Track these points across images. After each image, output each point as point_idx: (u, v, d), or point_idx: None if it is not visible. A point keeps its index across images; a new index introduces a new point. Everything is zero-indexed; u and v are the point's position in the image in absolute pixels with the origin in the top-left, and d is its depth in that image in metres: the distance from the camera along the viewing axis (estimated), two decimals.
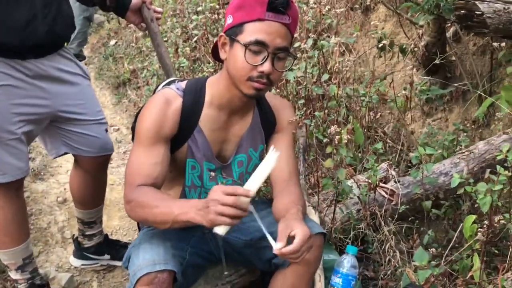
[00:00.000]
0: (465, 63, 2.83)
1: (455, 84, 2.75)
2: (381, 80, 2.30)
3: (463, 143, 2.34)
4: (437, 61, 2.55)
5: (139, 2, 2.05)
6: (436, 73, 2.88)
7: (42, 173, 2.97)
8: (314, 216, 1.89)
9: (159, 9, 2.14)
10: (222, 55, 1.50)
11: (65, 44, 1.83)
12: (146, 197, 1.41)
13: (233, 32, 1.43)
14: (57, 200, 2.74)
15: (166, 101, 1.51)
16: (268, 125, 1.66)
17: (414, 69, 2.92)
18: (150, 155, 1.47)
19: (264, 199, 1.98)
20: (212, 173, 1.58)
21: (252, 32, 1.39)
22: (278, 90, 2.57)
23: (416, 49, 2.76)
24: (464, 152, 2.29)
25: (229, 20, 1.46)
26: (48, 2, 1.65)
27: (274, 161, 1.31)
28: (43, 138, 1.93)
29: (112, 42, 5.30)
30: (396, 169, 2.28)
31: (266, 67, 1.39)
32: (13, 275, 1.86)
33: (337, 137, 1.56)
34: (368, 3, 3.09)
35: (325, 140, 1.58)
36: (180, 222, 1.34)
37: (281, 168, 1.63)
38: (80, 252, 2.22)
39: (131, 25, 5.16)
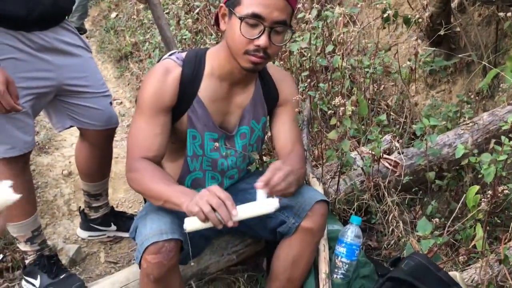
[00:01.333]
0: (470, 34, 2.80)
1: (459, 55, 2.73)
2: (386, 51, 2.28)
3: (466, 114, 2.34)
4: (441, 32, 2.52)
5: None
6: (440, 45, 2.85)
7: (46, 147, 2.98)
8: (318, 187, 1.90)
9: None
10: (222, 26, 1.49)
11: (66, 17, 1.81)
12: (144, 175, 1.44)
13: (231, 3, 1.42)
14: (62, 173, 2.76)
15: (165, 70, 1.51)
16: (270, 98, 1.66)
17: (418, 40, 2.90)
18: (151, 125, 1.48)
19: None
20: (216, 144, 1.59)
21: (249, 4, 1.38)
22: (281, 62, 2.55)
23: (420, 20, 2.72)
24: (468, 124, 2.29)
25: None
26: None
27: (272, 209, 1.34)
28: (48, 112, 1.93)
29: (113, 14, 5.25)
30: (400, 141, 2.28)
31: (262, 41, 1.38)
32: (22, 247, 1.89)
33: (342, 108, 1.56)
34: None
35: (329, 112, 1.57)
36: (171, 203, 1.39)
37: (285, 141, 1.64)
38: (87, 223, 2.25)
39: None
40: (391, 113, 2.68)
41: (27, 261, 1.90)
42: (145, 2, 2.12)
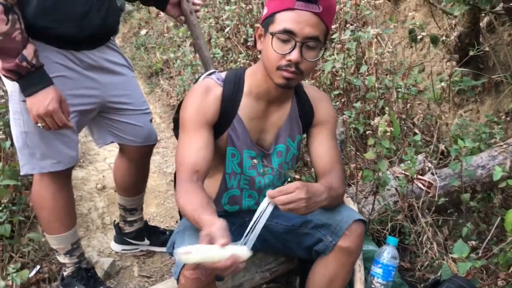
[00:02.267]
0: (499, 54, 2.79)
1: (489, 75, 2.71)
2: (420, 71, 2.29)
3: (497, 135, 2.31)
4: (471, 52, 2.52)
5: None
6: (469, 64, 2.84)
7: (81, 161, 3.05)
8: (353, 207, 1.91)
9: (198, 1, 2.17)
10: (259, 45, 1.54)
11: (112, 37, 1.88)
12: (182, 196, 1.45)
13: (266, 23, 1.47)
14: (96, 187, 2.82)
15: (207, 89, 1.55)
16: (306, 116, 1.68)
17: (451, 62, 2.89)
18: (195, 140, 1.51)
19: None
20: (254, 161, 1.62)
21: (281, 21, 1.41)
22: (313, 81, 2.58)
23: (447, 39, 2.73)
24: (502, 145, 2.28)
25: (265, 11, 1.49)
26: None
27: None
28: (91, 128, 1.99)
29: (143, 31, 5.37)
30: (433, 161, 2.28)
31: (294, 55, 1.40)
32: (62, 259, 1.94)
33: (380, 129, 1.57)
34: None
35: (367, 132, 1.59)
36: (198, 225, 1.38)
37: (324, 162, 1.65)
38: (121, 237, 2.29)
39: (162, 14, 5.23)
40: (417, 132, 2.67)
41: (65, 273, 1.95)
42: (185, 22, 2.17)
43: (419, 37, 2.08)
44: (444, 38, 2.68)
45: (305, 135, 1.75)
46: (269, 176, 1.68)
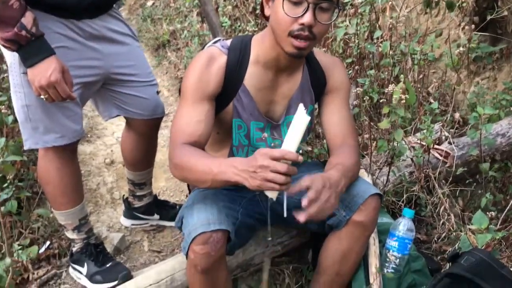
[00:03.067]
0: None
1: (507, 40, 2.59)
2: (437, 36, 2.18)
3: None
4: (489, 17, 2.39)
5: None
6: (486, 30, 2.71)
7: (89, 135, 3.01)
8: (367, 178, 1.85)
9: None
10: (267, 11, 1.45)
11: (114, 4, 1.80)
12: (186, 157, 1.38)
13: None
14: (104, 162, 2.79)
15: (210, 58, 1.47)
16: (318, 85, 1.60)
17: (461, 26, 2.77)
18: (194, 112, 1.45)
19: (317, 161, 1.93)
20: (265, 134, 1.55)
21: None
22: (324, 49, 2.48)
23: (464, 4, 2.59)
24: None
25: None
26: None
27: (305, 116, 1.24)
28: (95, 101, 1.93)
29: (150, 2, 5.25)
30: (451, 130, 2.19)
31: (307, 18, 1.31)
32: (70, 234, 1.91)
33: (395, 96, 1.49)
34: None
35: (381, 100, 1.50)
36: (219, 181, 1.31)
37: (334, 133, 1.58)
38: (131, 212, 2.26)
39: None
40: (432, 101, 2.58)
41: (74, 249, 1.92)
42: None
43: (434, 1, 1.96)
44: (460, 2, 2.55)
45: (317, 105, 1.67)
46: (278, 148, 1.61)
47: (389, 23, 2.04)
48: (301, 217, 1.27)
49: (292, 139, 1.25)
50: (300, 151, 1.75)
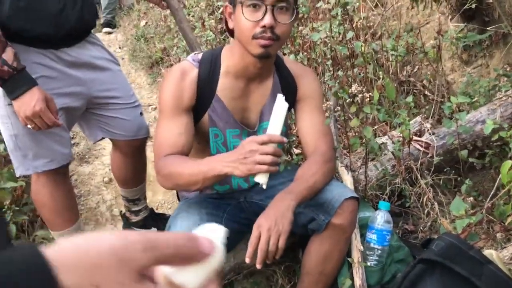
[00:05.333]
0: (504, 4, 2.69)
1: (492, 27, 2.63)
2: (408, 31, 2.24)
3: (503, 88, 2.25)
4: (471, 5, 2.44)
5: None
6: (473, 19, 2.76)
7: (87, 157, 3.11)
8: (347, 176, 1.90)
9: None
10: (230, 24, 1.52)
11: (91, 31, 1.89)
12: (173, 165, 1.45)
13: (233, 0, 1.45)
14: (103, 180, 2.88)
15: (182, 72, 1.55)
16: (289, 91, 1.66)
17: (449, 17, 2.81)
18: (174, 126, 1.51)
19: (297, 166, 2.01)
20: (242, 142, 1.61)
21: None
22: (305, 53, 2.55)
23: None
24: (501, 98, 2.22)
25: None
26: None
27: (284, 103, 1.34)
28: (81, 125, 2.02)
29: (142, 23, 5.38)
30: (430, 121, 2.24)
31: (267, 20, 1.38)
32: None
33: (360, 95, 1.55)
34: None
35: (348, 100, 1.57)
36: (210, 178, 1.38)
37: (306, 139, 1.64)
38: (129, 226, 2.34)
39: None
40: (427, 93, 2.62)
41: None
42: (167, 7, 2.17)
43: None
44: None
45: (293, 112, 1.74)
46: None
47: (359, 23, 2.11)
48: (257, 265, 1.37)
49: (275, 125, 1.34)
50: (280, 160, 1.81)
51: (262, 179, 1.33)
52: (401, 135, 2.09)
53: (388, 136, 2.19)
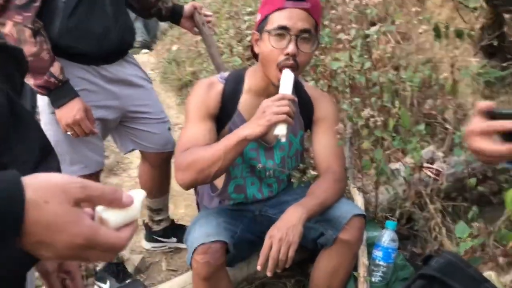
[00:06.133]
0: None
1: None
2: (423, 63, 2.36)
3: None
4: (494, 43, 2.54)
5: (191, 9, 2.28)
6: (495, 56, 2.85)
7: (115, 169, 3.29)
8: (358, 196, 2.01)
9: (210, 13, 2.35)
10: (256, 49, 1.67)
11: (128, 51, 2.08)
12: (193, 152, 1.56)
13: (261, 27, 1.61)
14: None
15: (209, 84, 1.71)
16: (306, 113, 1.80)
17: (472, 53, 2.91)
18: (198, 129, 1.64)
19: (310, 185, 2.12)
20: (260, 165, 1.74)
21: (274, 20, 1.57)
22: (326, 81, 2.69)
23: (472, 32, 2.74)
24: None
25: (258, 17, 1.64)
26: (117, 15, 1.91)
27: (290, 73, 1.53)
28: (114, 137, 2.20)
29: (175, 47, 5.62)
30: (442, 150, 2.33)
31: (290, 48, 1.54)
32: None
33: (372, 119, 1.67)
34: None
35: (359, 124, 1.69)
36: (231, 149, 1.51)
37: (320, 159, 1.77)
38: (150, 235, 2.48)
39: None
40: (446, 125, 2.70)
41: (98, 268, 2.15)
42: (199, 33, 2.36)
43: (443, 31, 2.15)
44: (469, 31, 2.69)
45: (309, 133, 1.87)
46: (270, 168, 1.80)
47: (377, 54, 2.24)
48: (268, 273, 1.50)
49: (285, 89, 1.51)
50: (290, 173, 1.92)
51: (281, 131, 1.46)
52: (413, 161, 2.19)
53: (402, 163, 2.29)
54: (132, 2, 2.16)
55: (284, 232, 1.53)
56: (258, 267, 1.54)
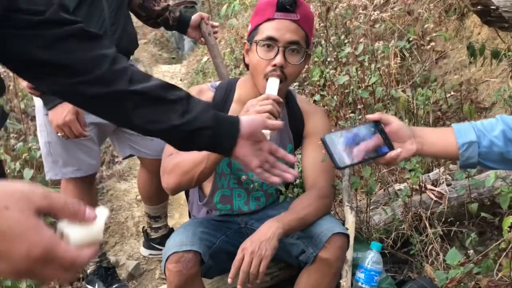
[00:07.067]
0: None
1: None
2: (432, 82, 2.28)
3: None
4: None
5: (198, 19, 2.29)
6: None
7: (126, 175, 3.34)
8: (349, 215, 1.93)
9: (216, 24, 2.36)
10: (247, 60, 1.66)
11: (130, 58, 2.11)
12: (178, 156, 1.55)
13: (251, 37, 1.60)
14: (136, 198, 3.06)
15: (199, 91, 1.71)
16: (295, 127, 1.76)
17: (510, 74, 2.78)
18: None
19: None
20: (244, 177, 1.71)
21: (264, 31, 1.55)
22: (330, 95, 2.64)
23: (510, 53, 2.63)
24: None
25: (249, 27, 1.62)
26: (114, 21, 1.94)
27: (276, 79, 1.52)
28: (112, 141, 2.23)
29: (204, 59, 5.70)
30: (448, 171, 2.23)
31: (278, 59, 1.52)
32: None
33: None
34: (463, 9, 3.00)
35: None
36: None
37: (307, 174, 1.72)
38: (148, 242, 2.48)
39: (222, 43, 5.54)
40: None
41: (88, 271, 2.17)
42: (205, 43, 2.37)
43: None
44: (506, 51, 2.57)
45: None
46: (257, 181, 1.77)
47: (381, 70, 2.18)
48: (238, 286, 1.48)
49: (270, 91, 1.50)
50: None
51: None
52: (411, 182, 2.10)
53: (407, 183, 2.20)
54: (138, 10, 2.19)
55: (257, 245, 1.49)
56: (229, 280, 1.51)
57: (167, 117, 0.98)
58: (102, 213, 0.65)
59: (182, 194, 2.44)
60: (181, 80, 5.68)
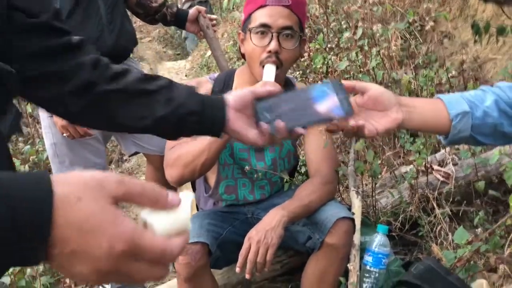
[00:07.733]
0: None
1: None
2: (432, 61, 2.26)
3: None
4: None
5: (195, 13, 2.29)
6: None
7: (135, 172, 3.37)
8: (356, 200, 1.94)
9: (214, 16, 2.36)
10: (242, 49, 1.66)
11: (130, 55, 2.12)
12: (180, 148, 1.56)
13: (245, 26, 1.60)
14: None
15: (198, 83, 1.71)
16: None
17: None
18: None
19: None
20: (247, 167, 1.71)
21: (256, 18, 1.56)
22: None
23: None
24: None
25: (242, 17, 1.63)
26: (112, 19, 1.95)
27: (272, 66, 1.51)
28: (117, 139, 2.25)
29: (208, 53, 5.71)
30: (454, 151, 2.21)
31: (272, 45, 1.52)
32: None
33: None
34: None
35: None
36: (215, 140, 1.45)
37: (310, 161, 1.73)
38: None
39: (225, 36, 5.54)
40: None
41: None
42: (203, 36, 2.38)
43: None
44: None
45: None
46: (261, 171, 1.77)
47: (381, 53, 2.16)
48: (246, 275, 1.49)
49: (267, 78, 1.50)
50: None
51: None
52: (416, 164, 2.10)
53: (414, 165, 2.19)
54: (135, 8, 2.20)
55: (263, 234, 1.51)
56: (237, 269, 1.53)
57: (152, 109, 0.94)
58: (187, 197, 0.57)
59: (189, 187, 2.47)
60: (186, 75, 5.69)
